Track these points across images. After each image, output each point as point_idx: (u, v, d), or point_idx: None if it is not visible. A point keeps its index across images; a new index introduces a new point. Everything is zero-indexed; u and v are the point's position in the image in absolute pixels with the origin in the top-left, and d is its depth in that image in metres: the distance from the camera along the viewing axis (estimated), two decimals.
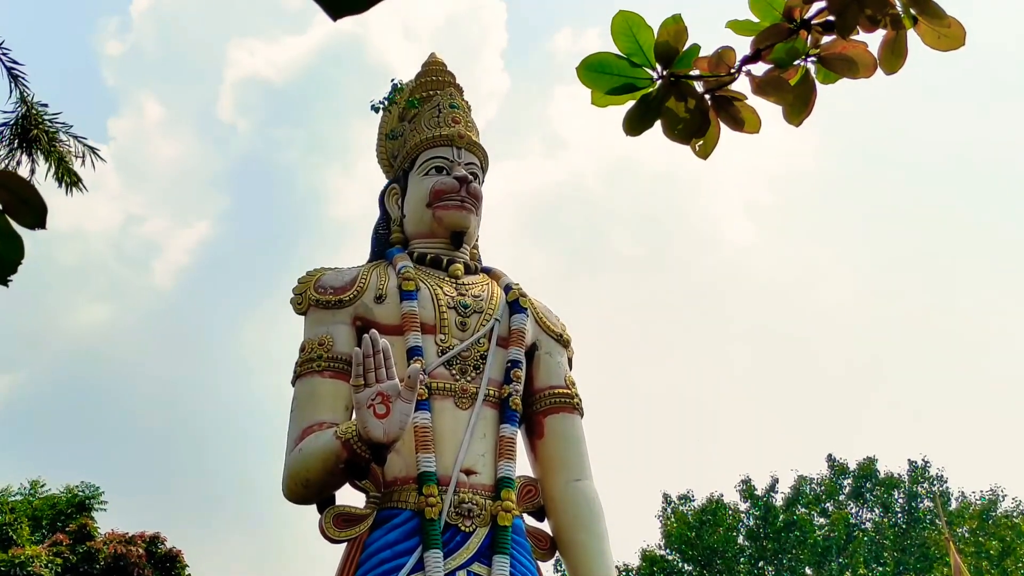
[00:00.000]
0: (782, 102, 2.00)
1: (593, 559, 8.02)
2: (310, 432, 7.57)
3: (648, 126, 1.96)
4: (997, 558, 31.89)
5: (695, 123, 1.94)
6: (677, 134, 1.96)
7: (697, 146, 2.02)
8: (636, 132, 1.97)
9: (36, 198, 1.57)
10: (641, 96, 1.95)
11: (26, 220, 1.59)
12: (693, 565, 34.83)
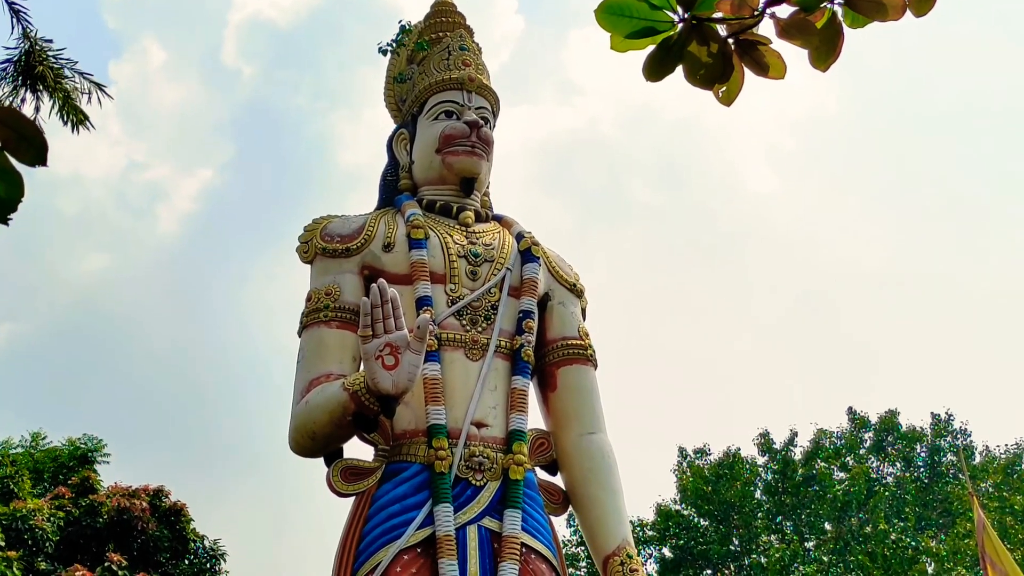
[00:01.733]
0: (808, 46, 1.99)
1: (607, 514, 8.05)
2: (317, 384, 7.59)
3: (669, 71, 1.95)
4: (1022, 513, 31.97)
5: (718, 68, 1.94)
6: (699, 79, 1.95)
7: (720, 92, 2.02)
8: (657, 78, 1.97)
9: (36, 135, 1.57)
10: (662, 40, 1.94)
11: (26, 157, 1.59)
12: (709, 520, 34.95)
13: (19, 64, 5.63)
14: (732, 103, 2.06)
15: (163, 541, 17.47)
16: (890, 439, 36.63)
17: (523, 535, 7.54)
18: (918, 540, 32.58)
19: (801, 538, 34.67)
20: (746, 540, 34.65)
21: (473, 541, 7.47)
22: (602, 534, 7.96)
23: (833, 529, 34.37)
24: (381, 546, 7.44)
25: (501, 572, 7.39)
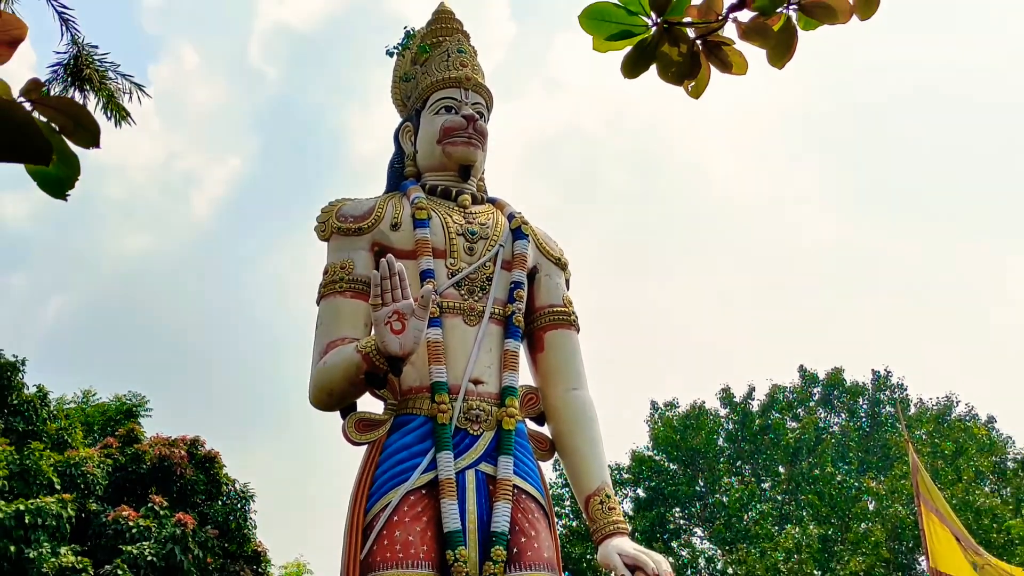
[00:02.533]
0: (766, 46, 1.98)
1: (588, 460, 8.07)
2: (334, 347, 7.60)
3: (644, 69, 1.94)
4: (951, 457, 32.08)
5: (687, 66, 1.93)
6: (671, 76, 1.95)
7: (689, 87, 2.01)
8: (633, 75, 1.96)
9: (90, 121, 1.57)
10: (638, 42, 1.93)
11: (82, 141, 1.59)
12: (678, 465, 35.06)
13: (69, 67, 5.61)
14: (700, 96, 2.05)
15: (199, 485, 17.50)
16: (836, 393, 36.73)
17: (515, 478, 7.56)
18: (860, 481, 32.68)
19: (758, 480, 34.80)
20: (710, 482, 34.76)
21: (471, 484, 7.50)
22: (584, 477, 7.98)
23: (786, 472, 34.48)
24: (390, 488, 7.46)
25: (495, 511, 7.41)
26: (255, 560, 17.91)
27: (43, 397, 18.36)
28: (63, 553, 14.93)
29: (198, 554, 16.27)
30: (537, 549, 7.59)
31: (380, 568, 7.29)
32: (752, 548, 31.14)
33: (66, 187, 1.62)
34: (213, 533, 16.93)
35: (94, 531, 16.07)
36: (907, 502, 27.76)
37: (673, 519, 34.73)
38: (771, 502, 33.98)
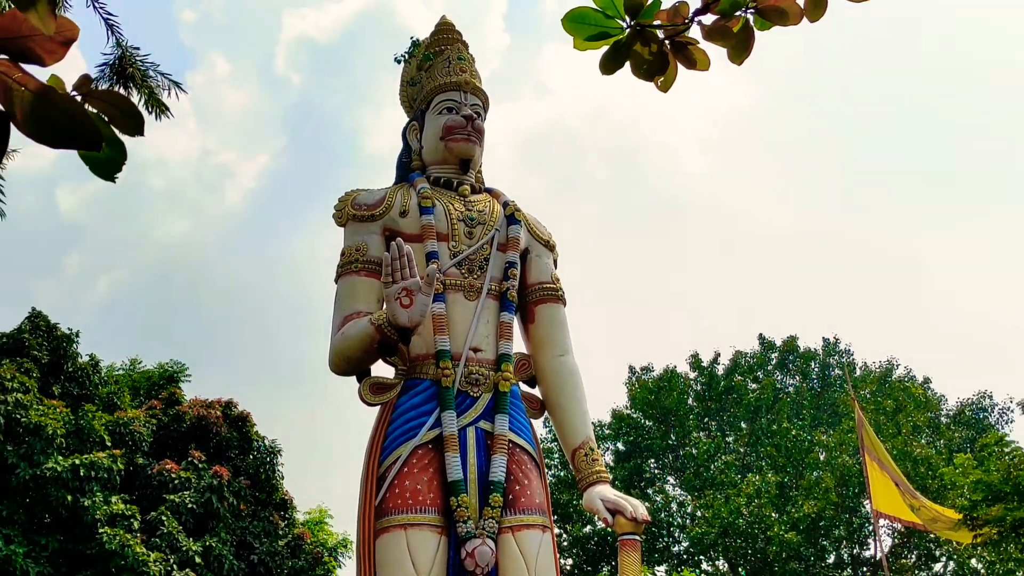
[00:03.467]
0: (727, 45, 1.97)
1: (574, 417, 8.09)
2: (350, 319, 7.60)
3: (619, 66, 1.94)
4: (891, 413, 32.17)
5: (657, 63, 1.92)
6: (643, 72, 1.94)
7: (659, 82, 2.00)
8: (609, 71, 1.96)
9: (135, 111, 1.58)
10: (613, 42, 1.92)
11: (128, 129, 1.59)
12: (652, 421, 35.11)
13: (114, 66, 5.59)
14: (668, 90, 2.04)
15: (232, 441, 17.52)
16: (791, 358, 36.77)
17: (510, 434, 7.57)
18: (812, 435, 32.78)
19: (723, 435, 34.88)
20: (680, 436, 34.82)
21: (472, 439, 7.50)
22: (570, 432, 7.99)
23: (747, 428, 34.55)
24: (401, 443, 7.46)
25: (493, 462, 7.42)
26: (282, 507, 17.93)
27: (95, 365, 18.34)
28: (113, 502, 14.96)
29: (232, 502, 16.29)
30: (530, 496, 7.61)
31: (392, 513, 7.31)
32: (718, 494, 31.23)
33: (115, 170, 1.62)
34: (245, 483, 16.94)
35: (140, 482, 16.09)
36: (853, 453, 27.84)
37: (648, 469, 34.81)
38: (734, 454, 34.06)
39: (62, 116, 1.48)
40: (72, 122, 1.48)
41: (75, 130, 1.49)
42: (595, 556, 31.22)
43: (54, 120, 1.48)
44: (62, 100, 1.50)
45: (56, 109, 1.48)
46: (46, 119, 1.49)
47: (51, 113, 1.48)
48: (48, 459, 14.93)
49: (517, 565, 7.34)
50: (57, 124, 1.49)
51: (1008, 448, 18.80)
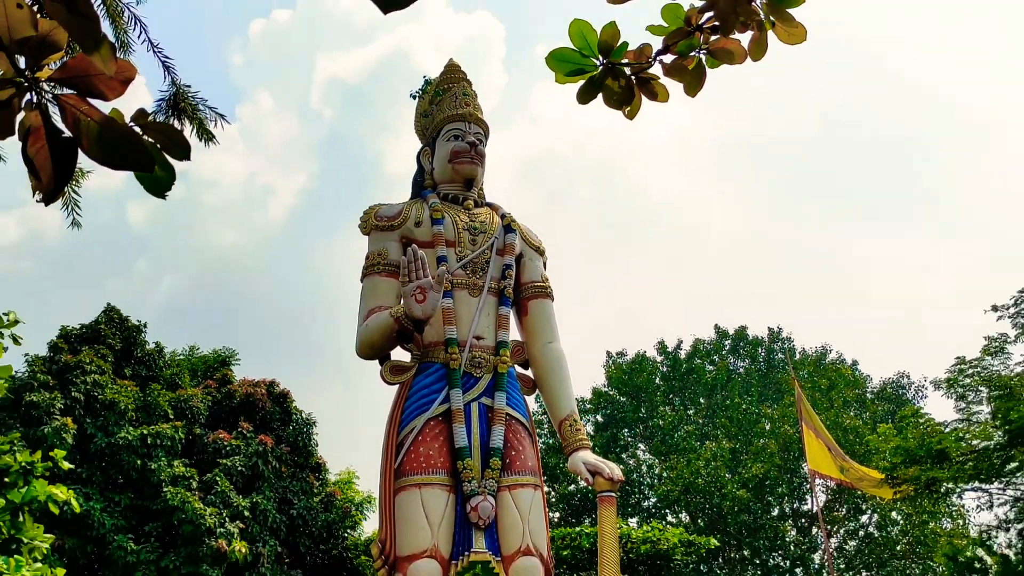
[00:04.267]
0: (683, 80, 1.97)
1: (561, 394, 8.09)
2: (373, 312, 7.59)
3: (593, 97, 1.93)
4: (825, 390, 32.24)
5: (625, 95, 1.92)
6: (612, 102, 1.93)
7: (626, 111, 1.99)
8: (585, 101, 1.95)
9: (182, 140, 1.58)
10: (588, 77, 1.92)
11: (176, 154, 1.59)
12: (626, 398, 35.17)
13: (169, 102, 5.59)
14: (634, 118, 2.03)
15: (275, 415, 17.50)
16: (742, 344, 36.83)
17: (507, 408, 7.56)
18: (759, 409, 32.82)
19: (684, 408, 34.93)
20: (649, 410, 34.86)
21: (475, 412, 7.49)
22: (558, 407, 7.99)
23: (705, 402, 34.60)
24: (416, 415, 7.45)
25: (493, 432, 7.41)
26: (317, 469, 17.90)
27: (160, 351, 18.31)
28: (175, 465, 14.94)
29: (275, 465, 16.27)
30: (523, 460, 7.61)
31: (409, 474, 7.30)
32: (680, 458, 31.26)
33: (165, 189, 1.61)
34: (286, 450, 16.92)
35: (198, 449, 16.07)
36: (793, 424, 27.87)
37: (622, 437, 34.83)
38: (694, 424, 34.09)
39: (121, 143, 1.48)
40: (129, 148, 1.48)
41: (131, 155, 1.49)
42: (578, 510, 31.24)
43: (114, 146, 1.49)
44: (121, 129, 1.50)
45: (116, 137, 1.48)
46: (107, 145, 1.49)
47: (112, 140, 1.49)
48: (121, 430, 14.92)
49: (513, 517, 7.34)
50: (116, 149, 1.49)
51: (922, 419, 18.82)
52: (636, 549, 20.53)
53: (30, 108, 1.49)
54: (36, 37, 1.45)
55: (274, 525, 15.41)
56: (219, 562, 13.91)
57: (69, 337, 16.77)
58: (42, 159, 1.54)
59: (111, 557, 13.82)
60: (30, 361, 16.25)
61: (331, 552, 17.70)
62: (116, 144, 1.48)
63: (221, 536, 13.94)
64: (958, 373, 17.83)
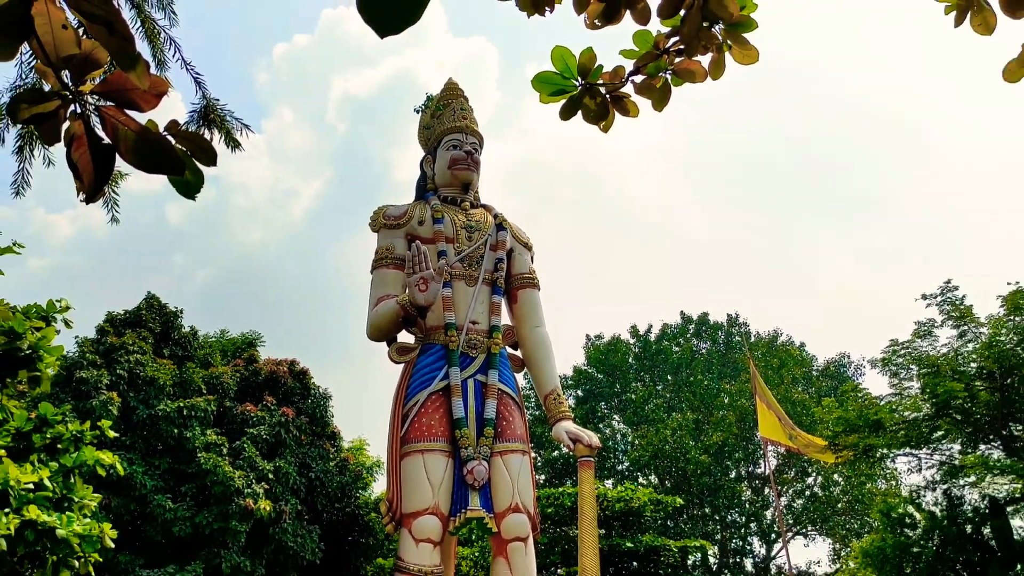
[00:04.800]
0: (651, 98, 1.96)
1: (546, 371, 8.10)
2: (382, 300, 7.58)
3: (573, 114, 1.93)
4: (777, 368, 32.32)
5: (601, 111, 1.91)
6: (590, 118, 1.93)
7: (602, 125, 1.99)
8: (566, 118, 1.95)
9: (209, 147, 1.57)
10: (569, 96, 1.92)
11: (204, 160, 1.58)
12: (603, 375, 35.19)
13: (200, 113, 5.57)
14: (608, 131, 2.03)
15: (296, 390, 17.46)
16: (704, 328, 36.83)
17: (499, 384, 7.56)
18: (719, 385, 32.90)
19: (654, 384, 34.98)
20: (623, 386, 34.92)
21: (471, 388, 7.50)
22: (543, 382, 8.00)
23: (672, 379, 34.65)
24: (419, 390, 7.45)
25: (487, 405, 7.42)
26: (332, 438, 17.88)
27: (195, 334, 18.23)
28: (208, 434, 14.90)
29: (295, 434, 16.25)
30: (513, 429, 7.62)
31: (413, 441, 7.31)
32: (650, 428, 31.32)
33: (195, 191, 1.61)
34: (305, 421, 16.89)
35: (228, 419, 16.03)
36: (748, 397, 27.96)
37: (600, 410, 34.88)
38: (662, 398, 34.16)
39: (154, 150, 1.48)
40: (162, 154, 1.48)
41: (164, 160, 1.49)
42: (561, 473, 31.32)
43: (148, 152, 1.49)
44: (155, 137, 1.50)
45: (150, 144, 1.48)
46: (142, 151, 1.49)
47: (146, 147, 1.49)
48: (160, 403, 14.87)
49: (504, 479, 7.36)
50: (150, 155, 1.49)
51: (861, 394, 18.90)
52: (611, 507, 20.60)
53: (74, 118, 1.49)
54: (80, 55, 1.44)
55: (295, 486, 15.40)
56: (247, 518, 13.89)
57: (114, 321, 16.70)
58: (84, 163, 1.54)
59: (152, 514, 13.79)
60: (80, 343, 16.20)
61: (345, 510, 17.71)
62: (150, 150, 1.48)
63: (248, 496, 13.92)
64: (892, 353, 17.89)
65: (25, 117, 1.44)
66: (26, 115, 1.46)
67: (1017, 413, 16.24)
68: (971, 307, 17.10)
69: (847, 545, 29.56)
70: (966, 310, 17.05)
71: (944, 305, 17.30)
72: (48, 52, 1.43)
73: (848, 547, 28.74)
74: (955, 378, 16.01)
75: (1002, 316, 16.38)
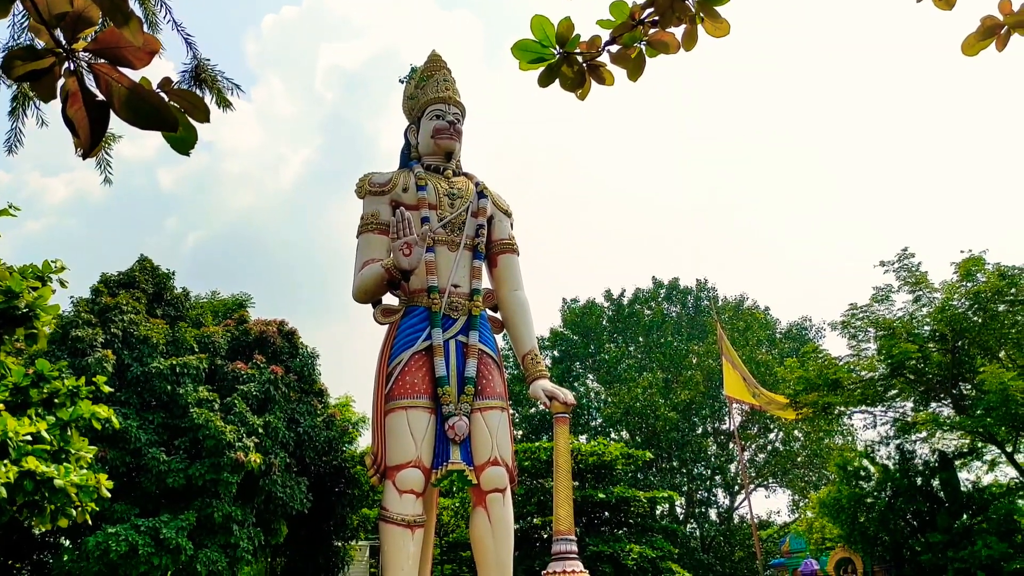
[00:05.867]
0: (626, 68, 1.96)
1: (524, 333, 8.14)
2: (367, 264, 7.57)
3: (552, 81, 1.92)
4: (742, 331, 32.61)
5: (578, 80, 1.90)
6: (568, 86, 1.92)
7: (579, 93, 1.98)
8: (545, 85, 1.94)
9: (202, 104, 1.56)
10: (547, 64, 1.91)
11: (197, 117, 1.56)
12: (578, 337, 35.33)
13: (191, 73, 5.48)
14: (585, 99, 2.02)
15: (284, 349, 17.42)
16: (674, 293, 37.00)
17: (479, 344, 7.60)
18: (688, 346, 33.17)
19: (626, 345, 35.20)
20: (598, 346, 35.12)
21: (453, 348, 7.54)
22: (522, 343, 8.04)
23: (643, 341, 34.87)
24: (403, 350, 7.47)
25: (467, 365, 7.46)
26: (319, 394, 17.88)
27: (187, 295, 18.08)
28: (200, 390, 14.87)
29: (284, 391, 16.25)
30: (492, 387, 7.67)
31: (397, 398, 7.34)
32: (622, 386, 31.59)
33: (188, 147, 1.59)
34: (293, 378, 16.87)
35: (219, 377, 15.99)
36: (715, 358, 28.24)
37: (575, 369, 35.11)
38: (634, 359, 34.44)
39: (148, 106, 1.47)
40: (155, 110, 1.47)
41: (157, 116, 1.47)
42: (538, 429, 31.58)
43: (141, 108, 1.47)
44: (148, 94, 1.48)
45: (143, 100, 1.47)
46: (136, 108, 1.47)
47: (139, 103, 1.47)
48: (153, 360, 14.80)
49: (484, 434, 7.42)
50: (144, 112, 1.47)
51: (821, 355, 19.12)
52: (585, 460, 20.83)
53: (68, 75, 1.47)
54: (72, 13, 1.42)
55: (284, 440, 15.44)
56: (238, 470, 13.92)
57: (108, 282, 16.53)
58: (80, 119, 1.52)
59: (146, 466, 13.78)
60: (75, 302, 16.04)
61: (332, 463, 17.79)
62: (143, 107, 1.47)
63: (239, 449, 13.94)
64: (851, 317, 18.10)
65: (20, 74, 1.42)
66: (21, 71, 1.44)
67: (967, 373, 16.53)
68: (926, 273, 17.32)
69: (805, 496, 30.12)
70: (921, 276, 17.25)
71: (901, 271, 17.49)
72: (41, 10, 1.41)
73: (806, 498, 29.29)
74: (910, 340, 16.25)
75: (955, 282, 16.60)
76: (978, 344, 16.25)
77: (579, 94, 1.95)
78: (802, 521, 23.82)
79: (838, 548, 18.26)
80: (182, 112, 1.49)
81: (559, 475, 7.55)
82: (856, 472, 18.07)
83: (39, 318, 5.28)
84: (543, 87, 1.91)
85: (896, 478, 17.22)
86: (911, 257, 17.52)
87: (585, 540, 18.50)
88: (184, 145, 1.55)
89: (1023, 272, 16.11)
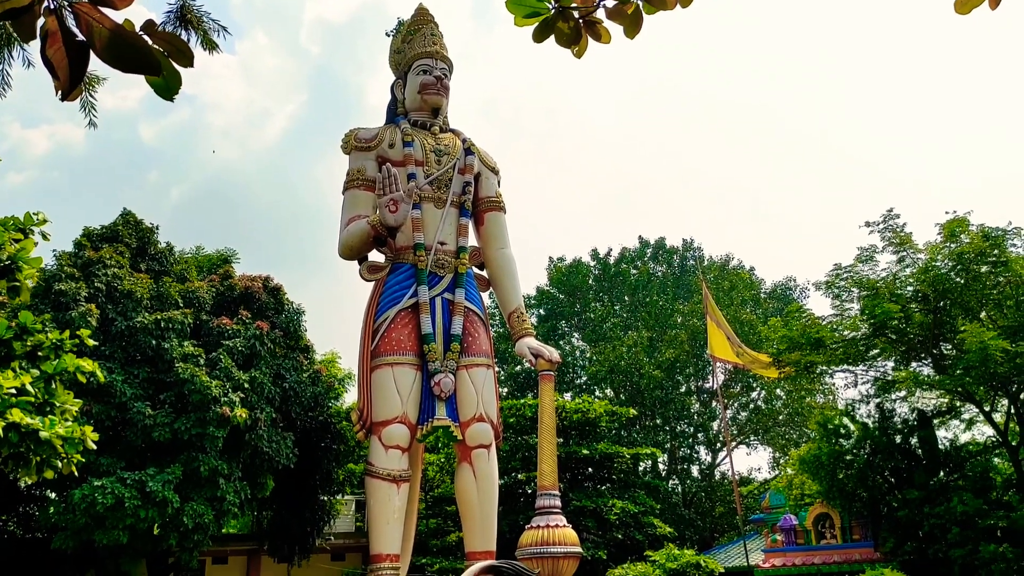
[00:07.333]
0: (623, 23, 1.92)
1: (510, 291, 8.16)
2: (353, 220, 7.54)
3: (547, 37, 1.88)
4: (727, 291, 32.81)
5: (574, 35, 1.86)
6: (563, 41, 1.88)
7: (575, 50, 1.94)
8: (540, 40, 1.89)
9: (186, 48, 1.51)
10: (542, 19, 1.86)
11: (181, 61, 1.52)
12: (564, 295, 35.44)
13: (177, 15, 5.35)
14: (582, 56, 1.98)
15: (270, 304, 17.34)
16: (660, 252, 37.11)
17: (466, 302, 7.61)
18: (673, 305, 33.34)
19: (612, 304, 35.35)
20: (583, 306, 35.24)
21: (439, 305, 7.54)
22: (508, 301, 8.06)
23: (629, 300, 35.02)
24: (389, 307, 7.47)
25: (454, 322, 7.47)
26: (305, 350, 17.86)
27: (171, 250, 17.90)
28: (185, 345, 14.82)
29: (270, 347, 16.21)
30: (479, 344, 7.70)
31: (383, 355, 7.36)
32: (607, 345, 31.79)
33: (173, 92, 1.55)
34: (279, 334, 16.83)
35: (204, 332, 15.93)
36: (700, 318, 28.41)
37: (561, 328, 35.27)
38: (619, 318, 34.59)
39: (130, 49, 1.43)
40: (138, 53, 1.43)
41: (140, 59, 1.43)
42: (523, 386, 31.81)
43: (123, 51, 1.43)
44: (131, 36, 1.44)
45: (125, 43, 1.43)
46: (117, 50, 1.44)
47: (121, 45, 1.43)
48: (138, 315, 14.71)
49: (469, 391, 7.47)
50: (126, 54, 1.44)
51: (805, 314, 19.26)
52: (569, 418, 21.03)
53: (48, 14, 1.42)
54: None
55: (270, 396, 15.44)
56: (223, 425, 13.93)
57: (91, 236, 16.34)
58: (59, 59, 1.48)
59: (132, 420, 13.78)
60: (58, 256, 15.86)
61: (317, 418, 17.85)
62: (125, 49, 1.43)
63: (225, 404, 13.93)
64: (835, 277, 18.21)
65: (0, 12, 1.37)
66: (0, 9, 1.38)
67: (947, 333, 16.71)
68: (911, 234, 17.40)
69: (786, 453, 30.59)
70: (905, 237, 17.33)
71: (886, 232, 17.56)
72: None
73: (787, 455, 29.75)
74: (892, 300, 16.38)
75: (939, 243, 16.70)
76: (960, 304, 16.41)
77: (575, 51, 1.91)
78: (782, 478, 24.20)
79: (817, 504, 18.59)
80: (165, 56, 1.45)
81: (544, 431, 7.62)
82: (836, 430, 18.31)
83: (21, 271, 5.22)
84: (538, 42, 1.87)
85: (875, 436, 17.48)
86: (896, 218, 17.59)
87: (569, 495, 18.74)
88: (168, 91, 1.50)
89: (1006, 233, 16.22)
